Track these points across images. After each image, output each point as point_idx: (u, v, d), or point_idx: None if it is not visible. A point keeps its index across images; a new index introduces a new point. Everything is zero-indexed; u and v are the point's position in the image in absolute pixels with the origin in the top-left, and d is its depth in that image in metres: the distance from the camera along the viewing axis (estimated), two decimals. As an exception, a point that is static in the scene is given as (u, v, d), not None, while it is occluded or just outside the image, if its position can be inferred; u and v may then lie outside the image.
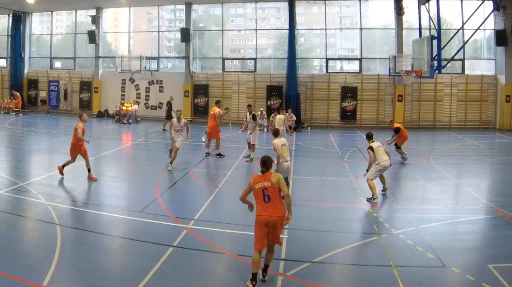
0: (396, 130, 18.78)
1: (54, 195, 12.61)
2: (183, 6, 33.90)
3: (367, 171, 13.09)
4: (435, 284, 7.68)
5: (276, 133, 12.96)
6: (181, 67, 34.82)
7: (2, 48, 39.64)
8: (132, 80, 35.02)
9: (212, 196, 13.26)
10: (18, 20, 37.42)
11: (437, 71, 23.08)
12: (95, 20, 35.03)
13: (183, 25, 33.89)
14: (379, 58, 32.49)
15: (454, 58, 25.27)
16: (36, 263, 8.09)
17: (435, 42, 22.16)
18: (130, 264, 8.37)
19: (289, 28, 31.33)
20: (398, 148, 18.74)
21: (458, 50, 25.47)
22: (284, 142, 12.41)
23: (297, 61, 31.33)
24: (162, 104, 34.12)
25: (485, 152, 22.12)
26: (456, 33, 25.68)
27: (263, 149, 19.83)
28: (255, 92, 32.79)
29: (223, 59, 34.29)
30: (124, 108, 32.14)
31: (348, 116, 31.63)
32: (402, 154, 18.57)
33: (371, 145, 12.89)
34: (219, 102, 20.91)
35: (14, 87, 37.12)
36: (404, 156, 18.56)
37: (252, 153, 18.62)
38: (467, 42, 26.97)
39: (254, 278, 7.36)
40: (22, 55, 37.85)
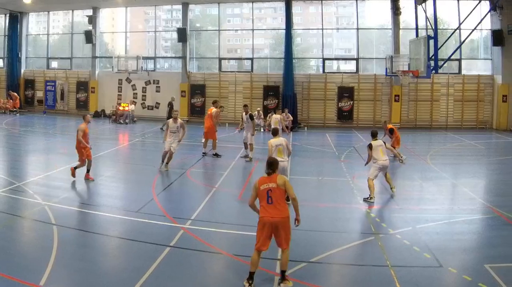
0: (390, 131, 18.77)
1: (50, 195, 12.57)
2: (180, 6, 33.88)
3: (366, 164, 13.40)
4: (432, 284, 7.68)
5: (274, 132, 12.82)
6: (177, 67, 34.76)
7: (-1, 48, 39.54)
8: (128, 80, 34.97)
9: (208, 196, 13.24)
10: (15, 20, 37.35)
11: (433, 71, 23.14)
12: (92, 20, 34.98)
13: (180, 25, 33.85)
14: (376, 58, 32.49)
15: (451, 58, 25.38)
16: (32, 263, 8.07)
17: (432, 42, 22.22)
18: (127, 264, 8.35)
19: (285, 28, 31.33)
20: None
21: (455, 50, 25.60)
22: (279, 143, 12.26)
23: (293, 61, 31.39)
24: (159, 104, 34.15)
25: (481, 152, 22.16)
26: (452, 33, 25.73)
27: (260, 149, 19.90)
28: (252, 92, 32.78)
29: (220, 59, 34.27)
30: (120, 108, 32.06)
31: (344, 116, 31.64)
32: (399, 155, 17.69)
33: (371, 143, 13.06)
34: (216, 102, 20.92)
35: (11, 87, 37.03)
36: (401, 158, 17.13)
37: (250, 153, 18.61)
38: (464, 42, 27.11)
39: (251, 277, 7.36)
40: (19, 55, 37.76)
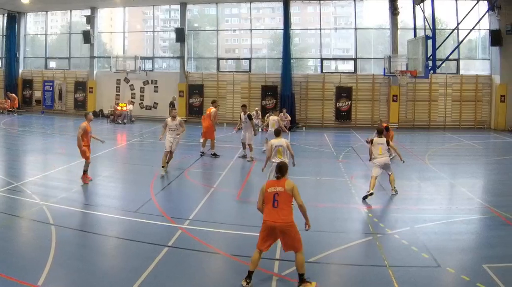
0: (386, 129, 18.87)
1: (48, 195, 12.56)
2: (178, 6, 33.82)
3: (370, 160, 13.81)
4: (430, 284, 7.69)
5: (277, 133, 12.74)
6: (175, 67, 34.74)
7: (-3, 48, 39.47)
8: (127, 80, 34.93)
9: (207, 196, 13.24)
10: (13, 20, 37.27)
11: (431, 71, 23.14)
12: (90, 20, 34.93)
13: (178, 25, 33.81)
14: (374, 58, 32.50)
15: (449, 58, 25.37)
16: (31, 263, 8.07)
17: (430, 42, 22.22)
18: (125, 264, 8.36)
19: (283, 28, 31.31)
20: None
21: (453, 50, 25.57)
22: (280, 144, 12.22)
23: (291, 61, 31.36)
24: (157, 104, 34.16)
25: (479, 152, 22.17)
26: (451, 33, 25.73)
27: (257, 149, 19.93)
28: (250, 92, 32.76)
29: (218, 59, 34.22)
30: (119, 108, 32.02)
31: (342, 116, 31.63)
32: (400, 156, 17.72)
33: (373, 139, 13.48)
34: (215, 102, 20.91)
35: (9, 87, 36.98)
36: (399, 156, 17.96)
37: (250, 153, 18.64)
38: (462, 42, 27.07)
39: (249, 276, 7.36)
40: (17, 55, 37.69)
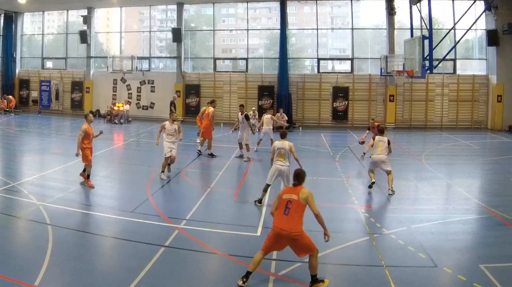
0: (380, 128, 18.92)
1: (45, 195, 12.52)
2: (175, 6, 33.80)
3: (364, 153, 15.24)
4: (427, 284, 7.69)
5: (283, 135, 12.50)
6: (172, 67, 34.69)
7: (-6, 48, 39.37)
8: (123, 80, 34.89)
9: (203, 196, 13.21)
10: (10, 20, 37.19)
11: (428, 71, 23.19)
12: (87, 20, 34.88)
13: (175, 25, 33.79)
14: (371, 58, 32.54)
15: (446, 58, 25.45)
16: (27, 263, 8.04)
17: (427, 42, 22.26)
18: (122, 264, 8.34)
19: (280, 28, 31.31)
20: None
21: (450, 50, 25.63)
22: (282, 146, 12.05)
23: (288, 61, 31.35)
24: (154, 104, 34.17)
25: (476, 152, 22.20)
26: (447, 33, 25.82)
27: (253, 149, 19.91)
28: (247, 92, 32.76)
29: (215, 59, 34.20)
30: (115, 108, 31.98)
31: (339, 116, 31.66)
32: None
33: (376, 136, 14.26)
34: (214, 102, 20.92)
35: (6, 87, 36.94)
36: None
37: (247, 153, 18.63)
38: (459, 42, 27.17)
39: (246, 276, 7.34)
40: (14, 55, 37.61)
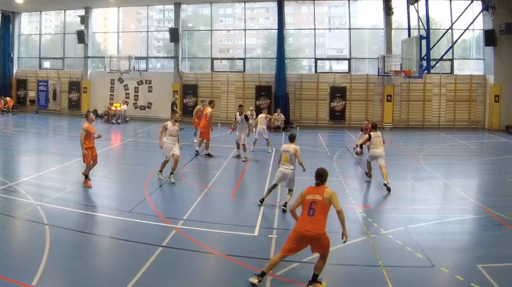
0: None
1: (43, 195, 12.52)
2: (172, 6, 33.73)
3: (357, 145, 17.07)
4: (424, 284, 7.70)
5: (291, 138, 12.26)
6: (170, 67, 34.64)
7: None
8: (121, 80, 34.85)
9: (201, 196, 13.21)
10: (7, 20, 37.13)
11: (426, 71, 23.20)
12: (84, 20, 34.81)
13: (172, 25, 33.73)
14: (368, 58, 32.52)
15: (443, 58, 25.45)
16: (25, 263, 8.03)
17: (424, 42, 22.31)
18: (119, 264, 8.34)
19: (278, 28, 31.29)
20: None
21: (447, 50, 25.67)
22: (287, 149, 11.98)
23: (286, 61, 31.35)
24: (151, 104, 34.15)
25: (474, 152, 22.22)
26: (445, 33, 25.84)
27: (250, 149, 19.93)
28: (244, 92, 32.73)
29: (212, 59, 34.18)
30: (113, 108, 31.94)
31: (337, 116, 31.66)
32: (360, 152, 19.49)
33: (371, 133, 14.91)
34: (213, 102, 20.95)
35: (3, 88, 36.84)
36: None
37: (244, 153, 18.66)
38: (456, 42, 27.19)
39: (261, 275, 7.34)
40: (11, 55, 37.59)
